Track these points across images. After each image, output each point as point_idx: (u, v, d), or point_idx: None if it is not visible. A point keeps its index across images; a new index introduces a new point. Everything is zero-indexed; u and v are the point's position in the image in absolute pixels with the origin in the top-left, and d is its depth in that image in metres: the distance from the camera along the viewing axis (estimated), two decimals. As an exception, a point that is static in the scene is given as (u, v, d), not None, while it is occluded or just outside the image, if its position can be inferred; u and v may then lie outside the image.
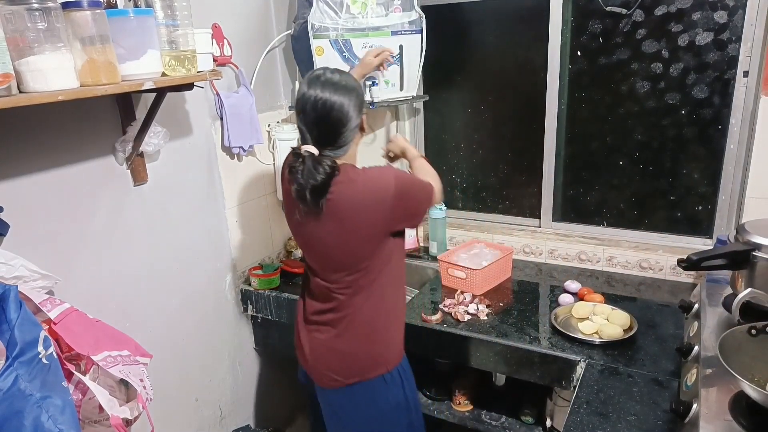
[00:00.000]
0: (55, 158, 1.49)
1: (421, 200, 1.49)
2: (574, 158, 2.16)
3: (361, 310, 1.48)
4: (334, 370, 1.52)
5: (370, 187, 1.39)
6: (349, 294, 1.47)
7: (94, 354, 1.28)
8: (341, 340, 1.50)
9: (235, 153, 2.08)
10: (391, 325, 1.54)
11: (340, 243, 1.42)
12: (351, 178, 1.38)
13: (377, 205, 1.39)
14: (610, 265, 2.10)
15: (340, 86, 1.37)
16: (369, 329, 1.49)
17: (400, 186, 1.40)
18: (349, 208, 1.38)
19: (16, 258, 1.29)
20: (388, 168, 1.46)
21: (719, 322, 1.47)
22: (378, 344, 1.51)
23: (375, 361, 1.51)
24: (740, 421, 1.10)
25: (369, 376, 1.50)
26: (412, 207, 1.48)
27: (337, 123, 1.38)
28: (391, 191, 1.39)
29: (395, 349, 1.56)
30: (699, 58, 1.85)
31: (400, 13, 2.04)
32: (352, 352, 1.50)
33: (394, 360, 1.54)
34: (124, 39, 1.33)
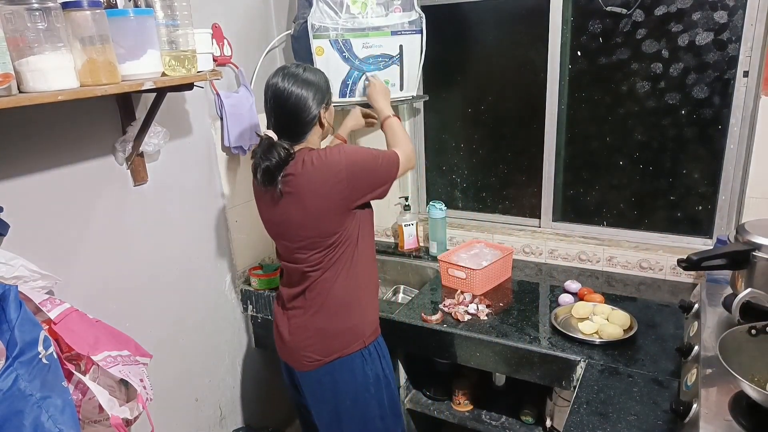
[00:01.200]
0: (55, 158, 1.49)
1: (379, 172, 1.53)
2: (574, 158, 2.16)
3: (333, 286, 1.55)
4: (312, 348, 1.58)
5: (324, 166, 1.46)
6: (320, 271, 1.54)
7: (94, 354, 1.28)
8: (317, 317, 1.57)
9: (235, 153, 2.08)
10: (364, 299, 1.61)
11: (305, 222, 1.49)
12: (305, 160, 1.46)
13: (333, 183, 1.46)
14: (610, 265, 2.10)
15: (301, 79, 1.47)
16: (343, 304, 1.57)
17: (351, 163, 1.47)
18: (307, 188, 1.46)
19: (16, 258, 1.29)
20: (341, 146, 1.52)
21: (719, 322, 1.47)
22: (353, 318, 1.58)
23: (353, 334, 1.58)
24: (740, 421, 1.10)
25: (347, 352, 1.57)
26: (371, 179, 1.53)
27: (293, 113, 1.48)
28: (342, 168, 1.46)
29: (371, 324, 1.63)
30: (699, 58, 1.85)
31: (400, 13, 2.04)
32: (329, 328, 1.56)
33: (371, 335, 1.62)
34: (124, 39, 1.33)
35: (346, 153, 1.48)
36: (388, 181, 1.57)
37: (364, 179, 1.51)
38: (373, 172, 1.52)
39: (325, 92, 1.52)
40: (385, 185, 1.56)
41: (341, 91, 2.09)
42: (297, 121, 1.49)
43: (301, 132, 1.51)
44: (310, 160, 1.46)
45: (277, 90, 1.46)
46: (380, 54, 2.06)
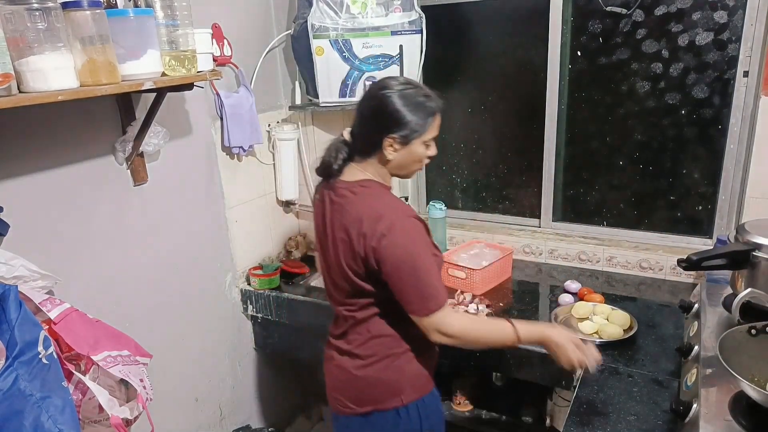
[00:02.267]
0: (55, 158, 1.49)
1: (410, 290, 1.24)
2: (574, 158, 2.16)
3: (373, 334, 1.37)
4: (347, 394, 1.42)
5: (366, 212, 1.26)
6: (360, 316, 1.37)
7: (94, 354, 1.28)
8: (354, 364, 1.39)
9: (235, 153, 2.08)
10: (409, 351, 1.39)
11: (339, 261, 1.32)
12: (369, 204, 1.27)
13: (357, 239, 1.26)
14: (610, 265, 2.10)
15: (406, 94, 1.25)
16: (382, 355, 1.37)
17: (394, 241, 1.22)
18: (348, 225, 1.28)
19: (16, 258, 1.28)
20: (406, 212, 1.28)
21: (719, 322, 1.47)
22: (393, 371, 1.38)
23: (391, 389, 1.38)
24: (740, 421, 1.10)
25: (382, 407, 1.38)
26: (395, 279, 1.24)
27: (363, 124, 1.31)
28: (377, 234, 1.22)
29: (414, 379, 1.40)
30: (699, 58, 1.85)
31: (400, 13, 2.04)
32: (366, 377, 1.38)
33: (413, 392, 1.39)
34: (124, 39, 1.33)
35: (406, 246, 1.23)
36: (408, 297, 1.26)
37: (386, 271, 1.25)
38: (408, 285, 1.24)
39: (413, 125, 1.26)
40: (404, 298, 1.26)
41: (341, 91, 2.09)
42: (362, 132, 1.32)
43: (363, 147, 1.32)
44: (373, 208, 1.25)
45: (375, 86, 1.29)
46: (380, 54, 2.06)
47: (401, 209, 1.29)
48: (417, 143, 1.29)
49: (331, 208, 1.34)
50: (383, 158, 1.30)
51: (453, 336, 1.27)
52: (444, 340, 1.27)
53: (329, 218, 1.34)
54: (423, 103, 1.27)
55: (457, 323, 1.27)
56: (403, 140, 1.27)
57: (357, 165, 1.34)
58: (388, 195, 1.33)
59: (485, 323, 1.37)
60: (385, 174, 1.34)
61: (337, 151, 1.34)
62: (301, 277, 2.24)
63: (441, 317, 1.25)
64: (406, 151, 1.29)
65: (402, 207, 1.31)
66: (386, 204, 1.29)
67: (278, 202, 2.34)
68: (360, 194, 1.30)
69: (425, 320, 1.26)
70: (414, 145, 1.29)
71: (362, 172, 1.33)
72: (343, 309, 1.39)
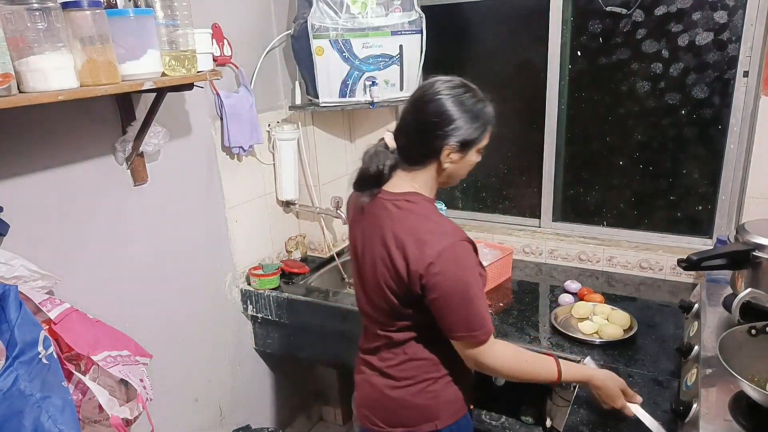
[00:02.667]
0: (55, 158, 1.49)
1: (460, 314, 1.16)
2: (574, 158, 2.16)
3: (410, 356, 1.29)
4: (376, 413, 1.35)
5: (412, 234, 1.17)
6: (396, 338, 1.29)
7: (94, 354, 1.28)
8: (387, 384, 1.32)
9: (235, 153, 2.08)
10: (446, 377, 1.30)
11: (377, 279, 1.25)
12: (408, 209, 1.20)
13: (400, 261, 1.18)
14: (610, 265, 2.10)
15: (460, 106, 1.18)
16: (419, 379, 1.29)
17: (444, 270, 1.13)
18: (390, 244, 1.19)
19: (16, 258, 1.28)
20: (455, 235, 1.17)
21: (719, 322, 1.47)
22: (427, 397, 1.30)
23: (424, 413, 1.30)
24: (740, 421, 1.10)
25: (416, 430, 1.31)
26: (443, 308, 1.17)
27: (418, 131, 1.20)
28: (424, 261, 1.14)
29: (450, 404, 1.32)
30: (699, 58, 1.85)
31: (400, 13, 2.04)
32: (398, 399, 1.31)
33: (448, 417, 1.31)
34: (124, 39, 1.33)
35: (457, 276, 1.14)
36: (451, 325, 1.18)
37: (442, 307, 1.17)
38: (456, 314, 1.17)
39: (474, 132, 1.19)
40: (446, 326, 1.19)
41: (341, 91, 2.09)
42: (415, 140, 1.21)
43: (414, 156, 1.22)
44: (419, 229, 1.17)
45: (428, 88, 1.20)
46: (380, 54, 2.06)
47: (450, 232, 1.18)
48: (474, 151, 1.23)
49: (370, 221, 1.26)
50: (439, 167, 1.22)
51: (494, 369, 1.21)
52: (483, 370, 1.22)
53: (368, 231, 1.26)
54: (481, 110, 1.21)
55: (500, 358, 1.21)
56: (463, 149, 1.20)
57: (405, 174, 1.24)
58: (436, 214, 1.23)
59: (530, 360, 1.26)
60: (434, 184, 1.26)
61: (385, 159, 1.23)
62: (301, 277, 2.24)
63: (485, 349, 1.19)
64: (463, 158, 1.22)
65: (451, 229, 1.19)
66: (434, 226, 1.19)
67: (278, 202, 2.34)
68: (405, 210, 1.21)
69: (468, 351, 1.20)
70: (471, 154, 1.23)
71: (409, 183, 1.24)
72: (378, 327, 1.31)
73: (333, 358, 2.12)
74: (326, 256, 2.43)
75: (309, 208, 2.37)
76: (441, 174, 1.24)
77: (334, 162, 2.43)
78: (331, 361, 2.15)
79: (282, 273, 2.21)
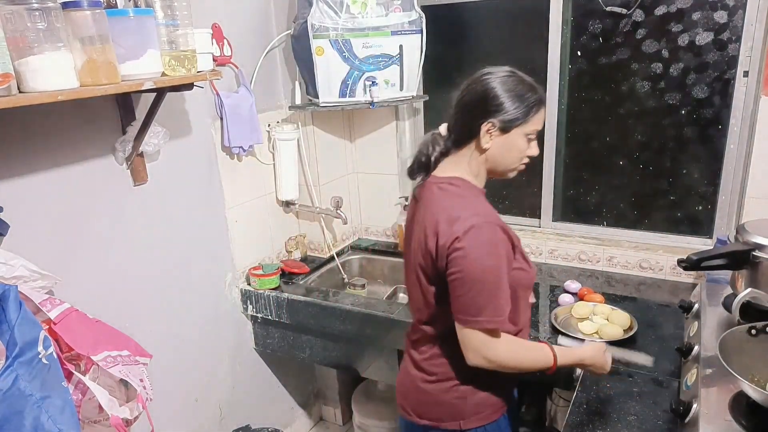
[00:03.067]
0: (55, 158, 1.49)
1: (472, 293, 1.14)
2: (574, 158, 2.16)
3: (441, 353, 1.29)
4: (409, 400, 1.37)
5: (445, 212, 1.18)
6: (431, 332, 1.30)
7: (94, 354, 1.28)
8: (420, 377, 1.33)
9: (235, 153, 2.08)
10: (476, 379, 1.28)
11: (413, 261, 1.27)
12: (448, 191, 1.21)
13: (431, 237, 1.18)
14: (610, 265, 2.10)
15: (502, 86, 1.16)
16: (447, 377, 1.30)
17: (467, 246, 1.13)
18: (426, 223, 1.20)
19: (16, 258, 1.28)
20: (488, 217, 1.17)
21: (719, 322, 1.47)
22: (454, 396, 1.30)
23: (448, 412, 1.31)
24: (740, 421, 1.10)
25: (440, 426, 1.32)
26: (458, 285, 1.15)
27: (461, 110, 1.21)
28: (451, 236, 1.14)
29: (477, 406, 1.30)
30: (699, 58, 1.85)
31: (400, 13, 2.04)
32: (428, 392, 1.32)
33: (474, 420, 1.30)
34: (124, 39, 1.33)
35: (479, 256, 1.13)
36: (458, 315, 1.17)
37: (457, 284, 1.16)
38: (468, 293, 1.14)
39: (515, 111, 1.16)
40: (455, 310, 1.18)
41: (341, 91, 2.09)
42: (459, 119, 1.22)
43: (459, 136, 1.22)
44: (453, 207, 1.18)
45: (477, 74, 1.21)
46: (380, 54, 2.06)
47: (484, 213, 1.17)
48: (517, 133, 1.18)
49: (419, 208, 1.27)
50: (479, 146, 1.20)
51: (496, 363, 1.18)
52: (483, 363, 1.17)
53: (416, 218, 1.28)
54: (525, 92, 1.17)
55: (503, 352, 1.18)
56: (503, 127, 1.17)
57: (451, 158, 1.26)
58: (474, 197, 1.23)
59: (529, 349, 1.25)
60: (480, 170, 1.24)
61: (433, 144, 1.26)
62: (301, 277, 2.24)
63: (489, 339, 1.16)
64: (505, 140, 1.19)
65: (485, 211, 1.19)
66: (468, 205, 1.18)
67: (278, 202, 2.34)
68: (445, 191, 1.22)
69: (470, 334, 1.16)
70: (513, 135, 1.18)
71: (454, 167, 1.25)
72: (417, 319, 1.33)
73: (333, 358, 2.12)
74: (326, 256, 2.43)
75: (309, 208, 2.37)
76: (483, 154, 1.21)
77: (334, 162, 2.43)
78: (331, 361, 2.15)
79: (282, 273, 2.21)
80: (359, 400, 2.47)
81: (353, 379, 2.57)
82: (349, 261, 2.51)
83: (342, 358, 2.09)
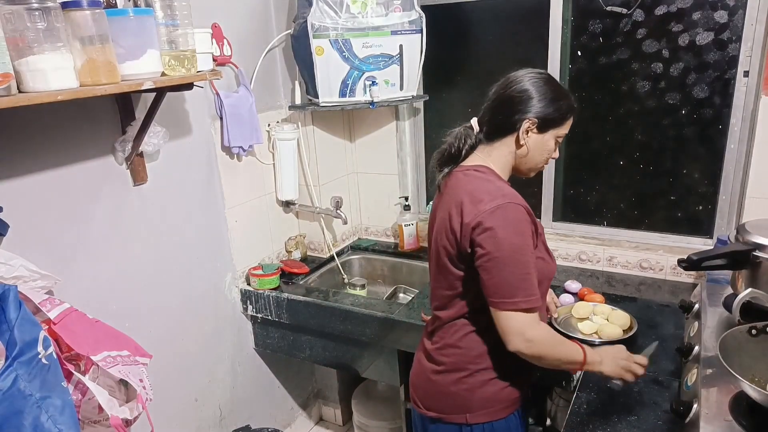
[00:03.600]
0: (55, 158, 1.49)
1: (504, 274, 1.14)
2: (574, 158, 2.16)
3: (453, 342, 1.30)
4: (418, 394, 1.38)
5: (470, 193, 1.19)
6: (446, 318, 1.30)
7: (94, 354, 1.28)
8: (430, 368, 1.34)
9: (234, 153, 2.08)
10: (485, 372, 1.28)
11: (436, 243, 1.27)
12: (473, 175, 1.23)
13: (456, 217, 1.20)
14: (610, 265, 2.10)
15: (543, 87, 1.20)
16: (455, 368, 1.30)
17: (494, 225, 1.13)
18: (451, 205, 1.22)
19: (16, 258, 1.28)
20: (514, 199, 1.17)
21: (720, 322, 1.47)
22: (461, 388, 1.29)
23: (455, 404, 1.30)
24: (740, 421, 1.10)
25: (446, 419, 1.32)
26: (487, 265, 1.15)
27: (503, 102, 1.24)
28: (477, 215, 1.15)
29: (483, 403, 1.29)
30: (699, 58, 1.85)
31: (400, 13, 2.04)
32: (436, 383, 1.33)
33: (481, 415, 1.29)
34: (124, 39, 1.33)
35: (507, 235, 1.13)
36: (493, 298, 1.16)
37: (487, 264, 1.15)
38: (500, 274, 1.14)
39: (554, 112, 1.21)
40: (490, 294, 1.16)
41: (341, 91, 2.09)
42: (498, 114, 1.24)
43: (494, 129, 1.25)
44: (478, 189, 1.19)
45: (514, 75, 1.24)
46: (380, 54, 2.06)
47: (510, 195, 1.19)
48: (551, 134, 1.23)
49: (443, 197, 1.28)
50: (517, 141, 1.23)
51: (537, 345, 1.15)
52: (524, 346, 1.14)
53: (440, 205, 1.28)
54: (563, 97, 1.23)
55: (544, 335, 1.17)
56: (543, 125, 1.21)
57: (481, 151, 1.28)
58: (499, 181, 1.24)
59: (563, 339, 1.24)
60: (507, 164, 1.27)
61: (465, 137, 1.28)
62: (301, 277, 2.24)
63: (530, 323, 1.14)
64: (540, 139, 1.23)
65: (511, 193, 1.20)
66: (494, 187, 1.20)
67: (278, 202, 2.34)
68: (470, 176, 1.24)
69: (508, 317, 1.14)
70: (548, 135, 1.23)
71: (484, 158, 1.27)
72: (436, 306, 1.34)
73: (333, 358, 2.12)
74: (326, 256, 2.43)
75: (309, 208, 2.37)
76: (518, 152, 1.25)
77: (334, 162, 2.43)
78: (331, 361, 2.15)
79: (282, 273, 2.20)
80: (359, 400, 2.47)
81: (353, 379, 2.57)
82: (349, 261, 2.51)
83: (342, 358, 2.09)
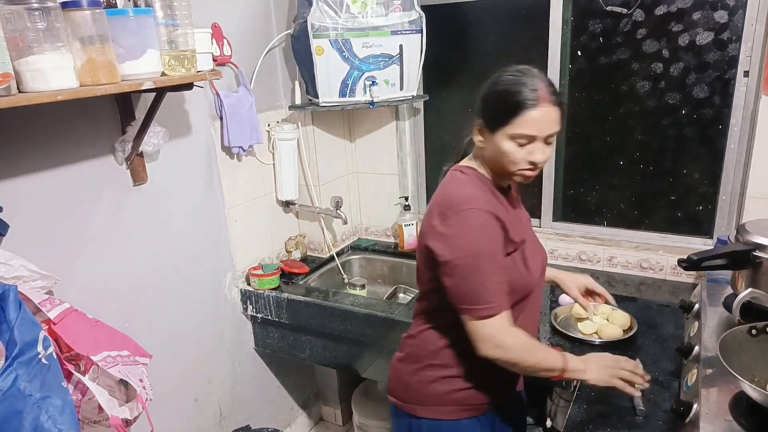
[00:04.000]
0: (55, 158, 1.49)
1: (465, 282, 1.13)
2: (574, 158, 2.16)
3: (412, 333, 1.34)
4: (388, 381, 1.41)
5: (442, 196, 1.21)
6: (416, 309, 1.35)
7: (94, 354, 1.28)
8: (398, 355, 1.39)
9: (234, 153, 2.08)
10: (437, 369, 1.27)
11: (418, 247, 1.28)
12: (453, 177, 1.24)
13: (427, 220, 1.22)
14: (610, 265, 2.10)
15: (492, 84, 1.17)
16: (410, 359, 1.32)
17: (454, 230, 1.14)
18: (430, 207, 1.23)
19: (16, 258, 1.28)
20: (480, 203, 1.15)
21: (720, 322, 1.47)
22: (413, 379, 1.31)
23: (407, 394, 1.33)
24: (740, 421, 1.10)
25: (401, 407, 1.35)
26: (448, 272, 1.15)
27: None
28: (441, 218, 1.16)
29: (432, 399, 1.29)
30: (699, 58, 1.85)
31: (400, 13, 2.04)
32: (397, 371, 1.37)
33: (427, 411, 1.29)
34: (124, 39, 1.33)
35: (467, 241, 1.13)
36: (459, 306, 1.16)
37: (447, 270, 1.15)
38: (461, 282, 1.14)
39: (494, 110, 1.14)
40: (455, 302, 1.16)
41: (341, 91, 2.09)
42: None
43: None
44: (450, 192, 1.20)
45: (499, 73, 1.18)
46: (380, 54, 2.06)
47: (476, 200, 1.15)
48: (501, 136, 1.13)
49: None
50: (476, 146, 1.22)
51: (508, 351, 1.13)
52: (494, 352, 1.13)
53: None
54: (514, 92, 1.10)
55: (515, 338, 1.14)
56: (488, 129, 1.15)
57: (473, 152, 1.27)
58: (475, 185, 1.20)
59: (540, 346, 1.22)
60: (486, 166, 1.23)
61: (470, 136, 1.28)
62: (301, 277, 2.24)
63: (497, 324, 1.13)
64: (491, 142, 1.15)
65: (481, 198, 1.17)
66: (465, 191, 1.18)
67: (278, 202, 2.34)
68: (453, 177, 1.24)
69: (474, 324, 1.13)
70: (498, 137, 1.13)
71: (471, 159, 1.27)
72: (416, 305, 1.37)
73: (333, 358, 2.11)
74: (326, 256, 2.43)
75: (309, 208, 2.37)
76: (481, 153, 1.22)
77: (334, 162, 2.43)
78: (331, 361, 2.15)
79: (282, 273, 2.20)
80: (359, 400, 2.47)
81: (353, 379, 2.57)
82: (349, 261, 2.51)
83: (342, 358, 2.09)
